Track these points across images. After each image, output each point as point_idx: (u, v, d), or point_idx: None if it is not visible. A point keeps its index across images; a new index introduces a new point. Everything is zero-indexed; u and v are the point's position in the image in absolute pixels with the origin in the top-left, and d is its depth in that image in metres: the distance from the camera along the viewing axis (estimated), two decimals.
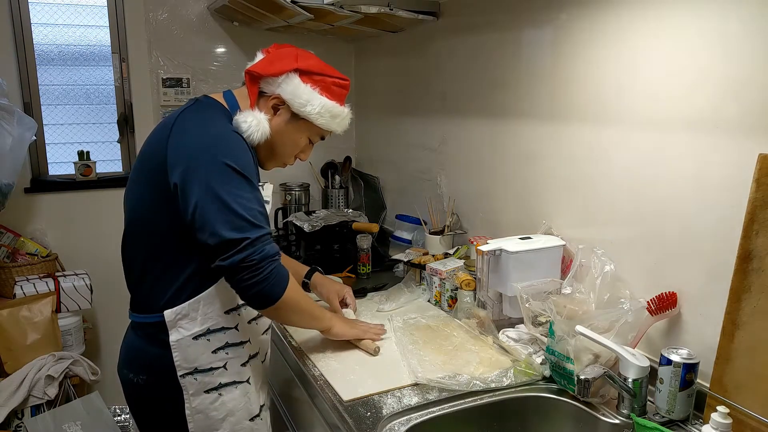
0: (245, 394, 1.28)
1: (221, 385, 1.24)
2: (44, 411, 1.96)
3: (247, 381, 1.29)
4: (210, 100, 1.26)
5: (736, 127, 1.08)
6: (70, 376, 2.06)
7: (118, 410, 2.25)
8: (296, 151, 1.35)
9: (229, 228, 1.08)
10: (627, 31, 1.29)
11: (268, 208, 1.32)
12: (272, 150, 1.31)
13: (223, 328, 1.24)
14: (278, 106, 1.27)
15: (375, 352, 1.40)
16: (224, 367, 1.24)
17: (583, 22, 1.41)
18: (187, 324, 1.20)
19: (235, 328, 1.26)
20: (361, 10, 1.84)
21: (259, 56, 1.31)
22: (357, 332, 1.44)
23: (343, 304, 1.63)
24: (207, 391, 1.23)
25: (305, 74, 1.25)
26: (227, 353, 1.25)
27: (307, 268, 1.67)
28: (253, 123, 1.21)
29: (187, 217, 1.11)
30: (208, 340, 1.22)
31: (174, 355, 1.20)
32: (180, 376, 1.21)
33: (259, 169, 1.35)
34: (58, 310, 2.11)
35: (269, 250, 1.13)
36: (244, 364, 1.28)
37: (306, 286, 1.66)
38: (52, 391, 1.97)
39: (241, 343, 1.27)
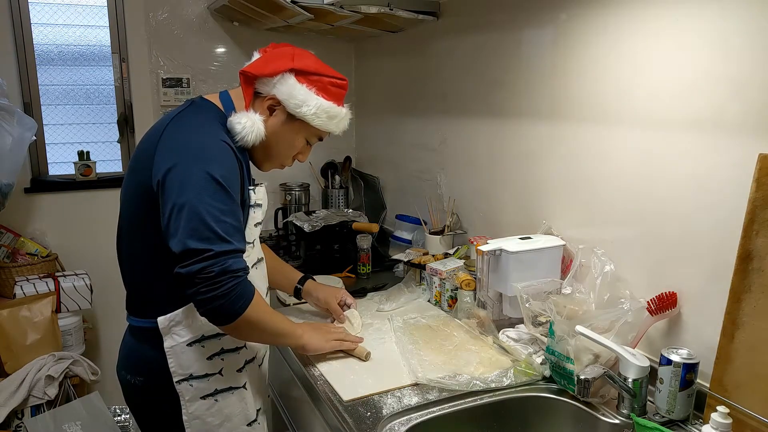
0: (242, 399, 1.28)
1: (217, 391, 1.24)
2: (44, 411, 1.96)
3: (244, 386, 1.28)
4: (205, 102, 1.24)
5: (736, 127, 1.08)
6: (70, 376, 2.06)
7: (118, 410, 2.25)
8: (293, 153, 1.33)
9: (194, 237, 1.05)
10: (627, 31, 1.29)
11: (263, 209, 1.31)
12: (268, 151, 1.29)
13: (218, 335, 1.22)
14: (274, 107, 1.24)
15: (366, 358, 1.38)
16: (220, 373, 1.23)
17: (583, 22, 1.41)
18: (181, 330, 1.19)
19: None
20: (361, 10, 1.84)
21: (256, 56, 1.29)
22: (334, 344, 1.38)
23: (344, 305, 1.62)
24: (203, 397, 1.22)
25: (301, 74, 1.22)
26: (222, 359, 1.24)
27: (300, 275, 1.64)
28: (248, 124, 1.19)
29: (163, 222, 1.09)
30: (203, 346, 1.21)
31: (169, 361, 1.19)
32: (176, 381, 1.20)
33: (257, 170, 1.34)
34: (58, 310, 2.11)
35: (232, 264, 1.07)
36: (240, 370, 1.27)
37: (298, 292, 1.63)
38: (52, 391, 1.97)
39: (237, 348, 1.26)
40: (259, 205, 1.28)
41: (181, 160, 1.10)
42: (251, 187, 1.26)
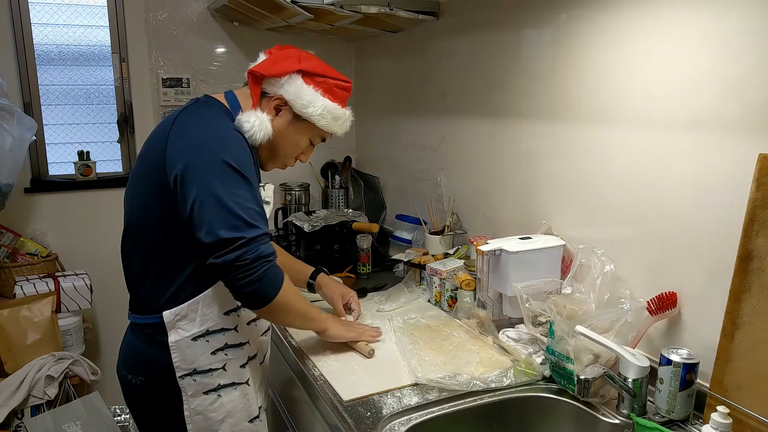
0: (244, 395, 1.28)
1: (220, 387, 1.24)
2: (44, 411, 1.96)
3: (246, 382, 1.29)
4: (211, 100, 1.26)
5: (736, 127, 1.08)
6: (70, 376, 2.06)
7: (118, 410, 2.25)
8: (297, 153, 1.35)
9: (225, 227, 1.08)
10: (627, 30, 1.29)
11: (270, 208, 1.32)
12: (273, 151, 1.30)
13: (222, 330, 1.23)
14: (280, 107, 1.27)
15: (369, 355, 1.39)
16: (223, 368, 1.24)
17: (583, 22, 1.41)
18: (186, 325, 1.20)
19: (235, 329, 1.25)
20: (361, 10, 1.84)
21: (262, 57, 1.30)
22: (353, 335, 1.43)
23: (347, 308, 1.62)
24: (206, 393, 1.23)
25: (308, 76, 1.25)
26: (226, 354, 1.25)
27: (312, 269, 1.66)
28: (256, 123, 1.21)
29: (185, 214, 1.11)
30: (207, 341, 1.22)
31: (173, 356, 1.20)
32: (179, 377, 1.21)
33: (260, 170, 1.35)
34: (58, 310, 2.11)
35: (264, 250, 1.12)
36: (243, 366, 1.28)
37: (311, 287, 1.65)
38: (52, 391, 1.97)
39: (241, 344, 1.27)
40: (267, 203, 1.30)
41: (197, 152, 1.12)
42: (261, 185, 1.27)
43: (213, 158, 1.11)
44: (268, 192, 1.30)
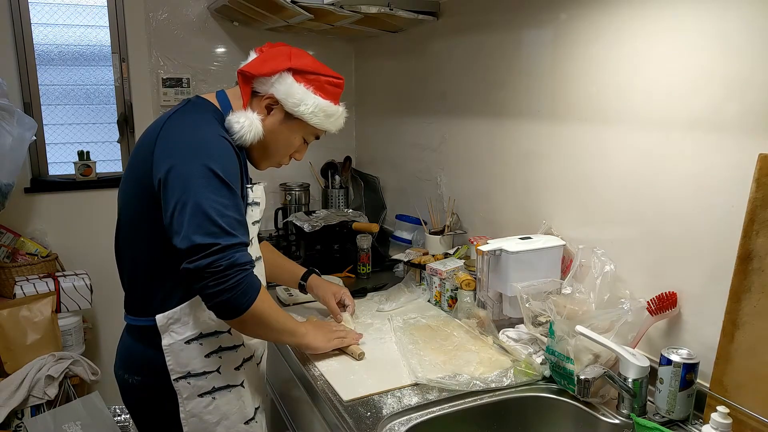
0: (239, 397, 1.28)
1: (215, 389, 1.24)
2: (44, 411, 1.96)
3: (241, 385, 1.28)
4: (202, 101, 1.25)
5: (736, 127, 1.08)
6: (70, 376, 2.06)
7: (118, 410, 2.25)
8: (291, 151, 1.34)
9: (200, 233, 1.06)
10: (627, 30, 1.29)
11: (261, 208, 1.31)
12: (266, 150, 1.30)
13: (216, 332, 1.23)
14: (271, 105, 1.26)
15: (359, 358, 1.38)
16: (218, 371, 1.24)
17: (583, 22, 1.41)
18: (180, 328, 1.19)
19: (228, 332, 1.25)
20: (361, 10, 1.84)
21: (253, 55, 1.29)
22: (335, 343, 1.39)
23: (341, 306, 1.61)
24: (201, 395, 1.23)
25: (298, 73, 1.24)
26: (220, 357, 1.24)
27: (303, 270, 1.65)
28: (246, 123, 1.20)
29: (166, 219, 1.09)
30: (201, 344, 1.21)
31: (167, 359, 1.19)
32: (174, 379, 1.20)
33: (255, 168, 1.34)
34: (58, 310, 2.11)
35: (239, 258, 1.08)
36: (237, 368, 1.28)
37: (303, 288, 1.65)
38: (52, 391, 1.97)
39: (235, 347, 1.27)
40: (257, 204, 1.29)
41: (181, 157, 1.10)
42: (249, 186, 1.27)
43: (197, 164, 1.09)
44: (257, 192, 1.29)
